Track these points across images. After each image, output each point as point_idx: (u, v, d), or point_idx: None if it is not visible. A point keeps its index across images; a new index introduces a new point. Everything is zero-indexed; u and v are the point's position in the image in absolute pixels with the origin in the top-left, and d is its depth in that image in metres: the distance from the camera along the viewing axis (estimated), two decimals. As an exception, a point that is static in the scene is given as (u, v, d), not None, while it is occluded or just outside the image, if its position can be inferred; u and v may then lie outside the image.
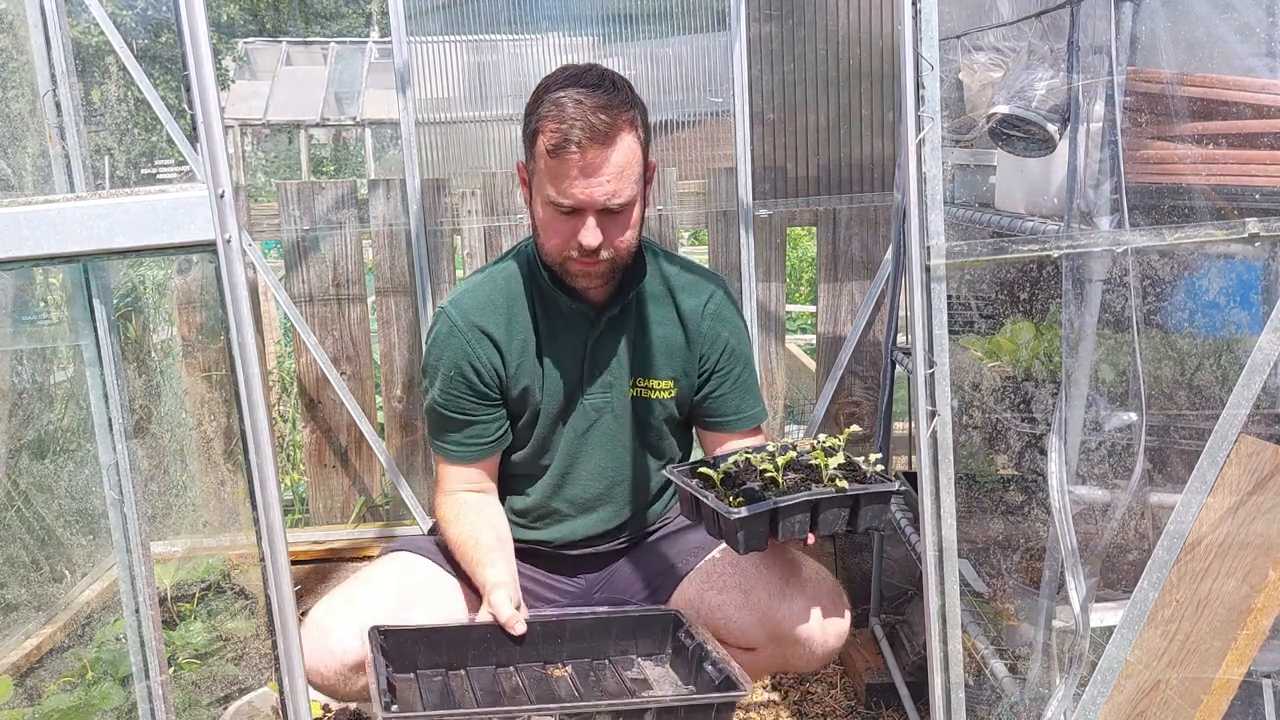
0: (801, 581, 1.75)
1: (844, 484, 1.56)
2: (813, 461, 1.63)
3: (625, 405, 1.86)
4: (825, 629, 1.73)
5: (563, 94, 1.63)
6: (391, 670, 1.57)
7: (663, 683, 1.65)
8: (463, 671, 1.65)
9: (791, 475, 1.62)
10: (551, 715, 1.52)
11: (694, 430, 1.99)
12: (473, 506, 1.84)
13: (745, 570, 1.78)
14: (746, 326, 1.97)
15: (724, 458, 1.70)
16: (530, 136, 1.69)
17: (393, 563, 1.86)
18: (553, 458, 1.87)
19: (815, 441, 1.69)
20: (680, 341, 1.86)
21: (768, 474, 1.60)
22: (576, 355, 1.82)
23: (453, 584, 1.82)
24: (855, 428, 1.75)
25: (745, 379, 1.92)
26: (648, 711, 1.49)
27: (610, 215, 1.67)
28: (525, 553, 1.90)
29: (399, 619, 1.70)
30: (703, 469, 1.69)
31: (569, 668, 1.68)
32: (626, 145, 1.64)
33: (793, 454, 1.66)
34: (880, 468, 1.63)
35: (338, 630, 1.67)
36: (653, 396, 1.86)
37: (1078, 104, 1.53)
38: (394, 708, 1.42)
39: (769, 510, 1.52)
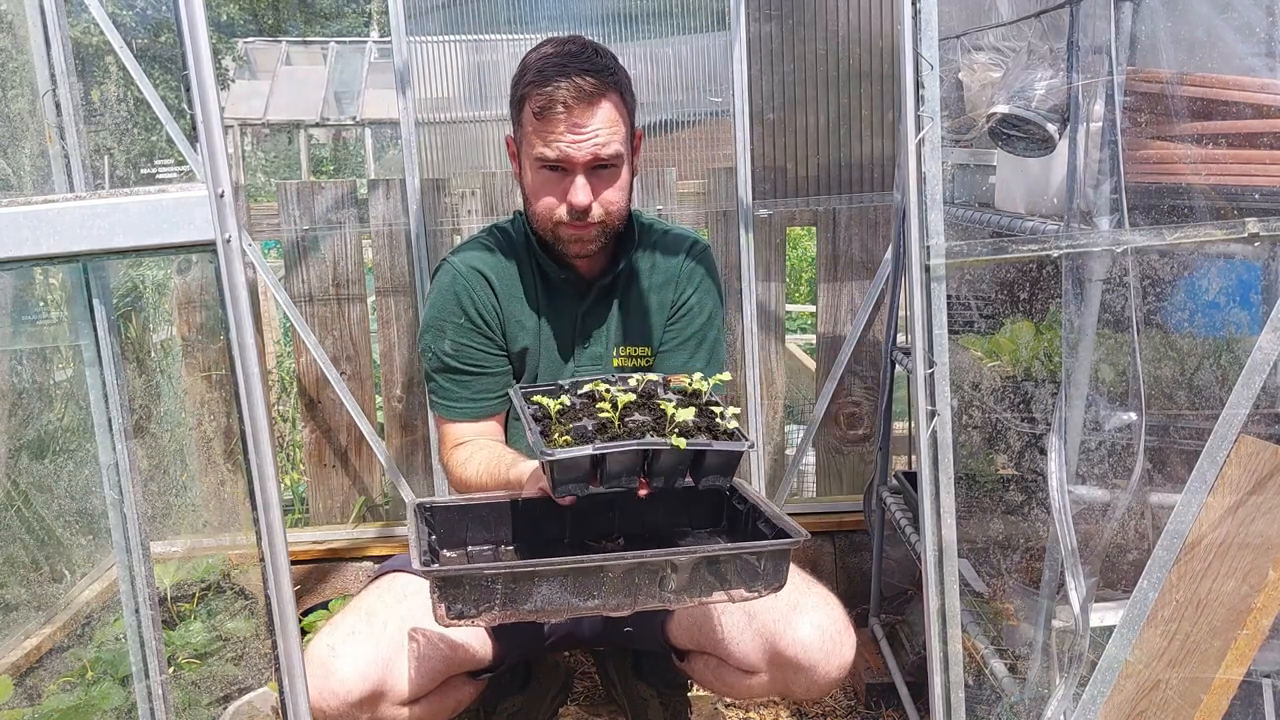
0: (808, 609, 1.68)
1: (680, 441, 1.37)
2: (665, 405, 1.47)
3: (612, 374, 1.86)
4: (829, 658, 1.66)
5: (546, 61, 1.67)
6: (436, 542, 1.54)
7: None
8: (511, 547, 1.61)
9: (638, 417, 1.45)
10: (605, 564, 1.38)
11: None
12: (485, 443, 1.84)
13: None
14: (719, 288, 1.96)
15: (579, 383, 1.60)
16: (517, 104, 1.72)
17: (390, 589, 1.78)
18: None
19: (689, 379, 1.58)
20: (655, 305, 1.88)
21: (603, 414, 1.45)
22: (568, 325, 1.85)
23: None
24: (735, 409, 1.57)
25: (701, 335, 1.90)
26: (710, 560, 1.38)
27: (599, 173, 1.70)
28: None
29: (399, 654, 1.66)
30: (540, 395, 1.54)
31: (621, 540, 1.63)
32: (612, 102, 1.69)
33: (653, 388, 1.51)
34: (735, 424, 1.46)
35: (340, 669, 1.61)
36: (634, 365, 1.87)
37: (1078, 104, 1.53)
38: (434, 567, 1.38)
39: (586, 457, 1.36)
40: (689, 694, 2.11)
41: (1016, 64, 1.65)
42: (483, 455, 1.81)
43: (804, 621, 1.67)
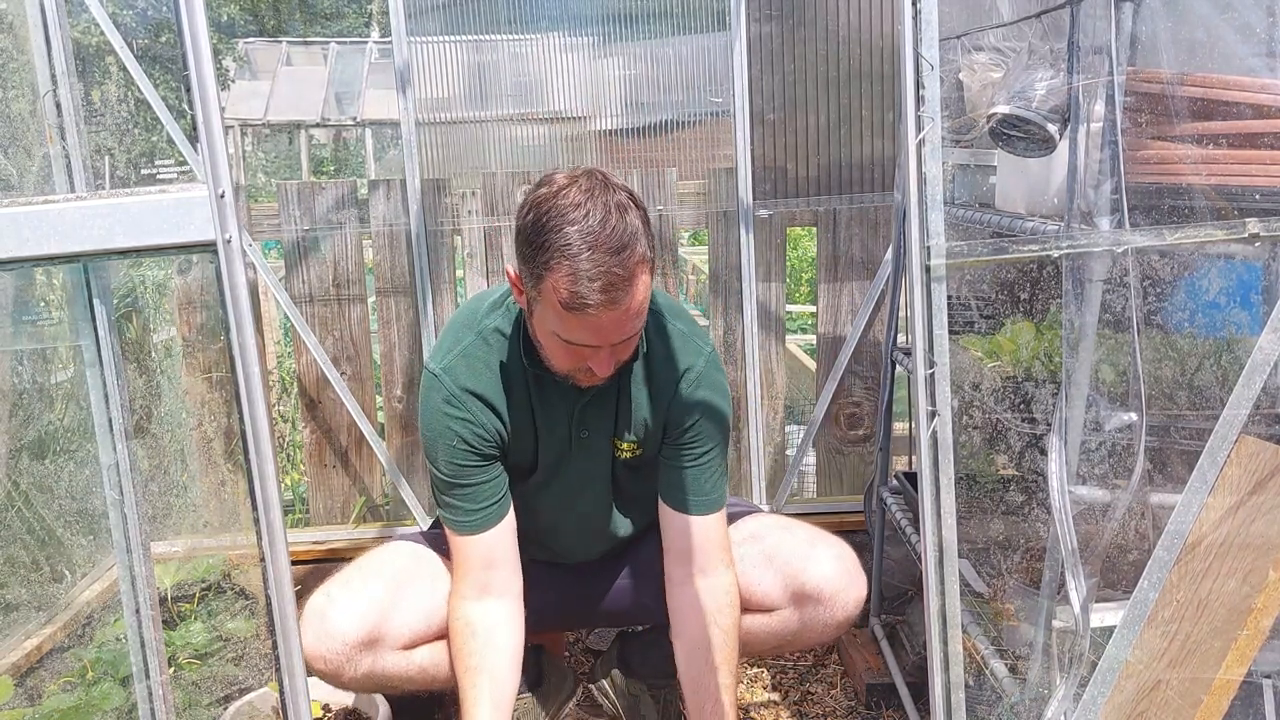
0: (827, 544, 1.84)
1: None
2: None
3: (607, 462, 1.83)
4: (849, 588, 1.81)
5: (568, 239, 1.46)
6: None
7: None
8: None
9: None
10: None
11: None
12: (479, 643, 1.75)
13: (766, 538, 1.86)
14: (727, 406, 1.82)
15: None
16: (535, 274, 1.51)
17: (387, 549, 1.91)
18: (542, 510, 1.87)
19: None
20: (647, 409, 1.78)
21: None
22: (566, 420, 1.77)
23: (450, 565, 1.82)
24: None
25: (703, 463, 1.79)
26: None
27: (624, 343, 1.60)
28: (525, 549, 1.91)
29: (396, 599, 1.74)
30: None
31: None
32: (642, 285, 1.52)
33: None
34: None
35: (335, 612, 1.69)
36: (621, 456, 1.83)
37: (1078, 104, 1.52)
38: None
39: None
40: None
41: (1017, 64, 1.65)
42: (468, 670, 1.73)
43: (824, 555, 1.82)
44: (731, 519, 1.89)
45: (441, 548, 1.87)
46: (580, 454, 1.80)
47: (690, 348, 1.78)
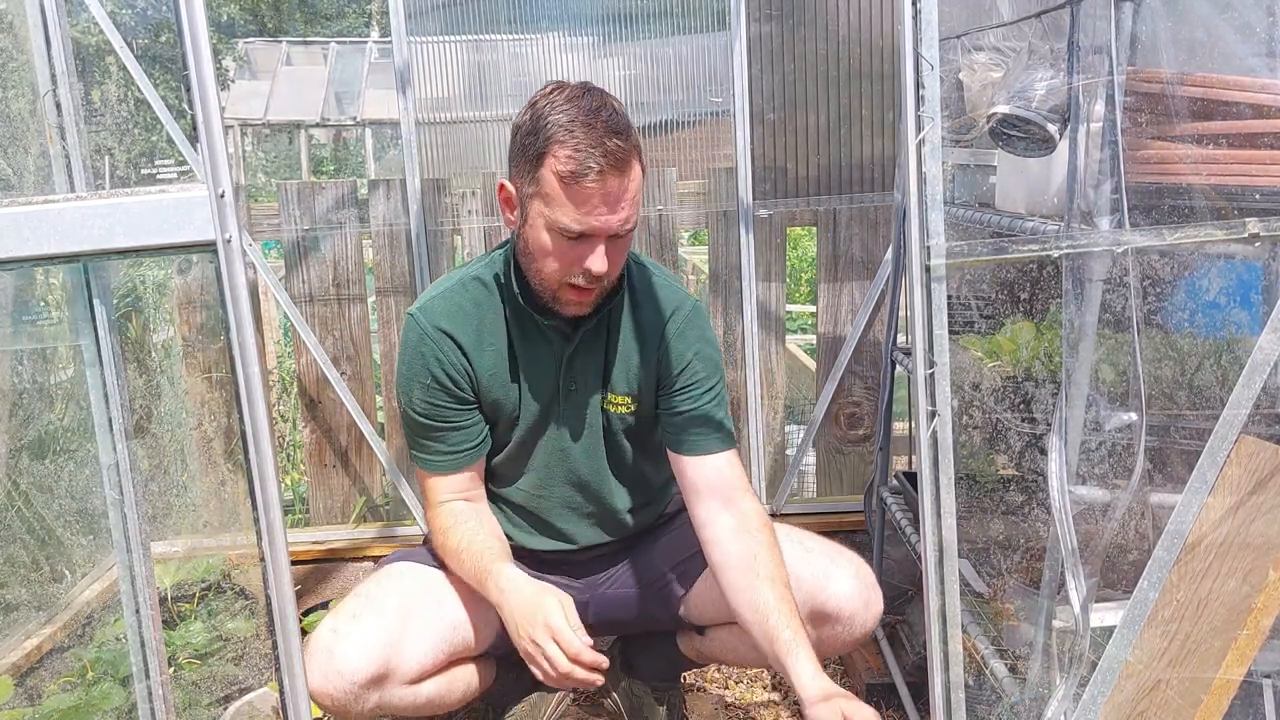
0: (844, 562, 1.80)
1: None
2: None
3: (598, 417, 1.82)
4: (868, 607, 1.78)
5: (570, 118, 1.55)
6: None
7: None
8: None
9: None
10: None
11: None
12: (466, 513, 1.80)
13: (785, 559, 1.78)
14: (717, 346, 1.86)
15: None
16: (533, 159, 1.58)
17: (389, 574, 1.82)
18: (532, 467, 1.85)
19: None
20: (636, 358, 1.80)
21: None
22: (552, 371, 1.78)
23: (455, 585, 1.80)
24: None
25: (706, 401, 1.80)
26: None
27: (616, 241, 1.63)
28: (522, 557, 1.90)
29: (404, 632, 1.68)
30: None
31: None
32: (638, 172, 1.60)
33: None
34: None
35: (342, 650, 1.63)
36: (615, 411, 1.82)
37: (1078, 104, 1.52)
38: None
39: None
40: (685, 692, 2.11)
41: (1017, 64, 1.65)
42: (462, 533, 1.76)
43: (842, 573, 1.78)
44: None
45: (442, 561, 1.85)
46: (569, 409, 1.80)
47: (674, 293, 1.83)
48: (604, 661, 1.55)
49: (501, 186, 1.67)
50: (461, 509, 1.81)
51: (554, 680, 1.56)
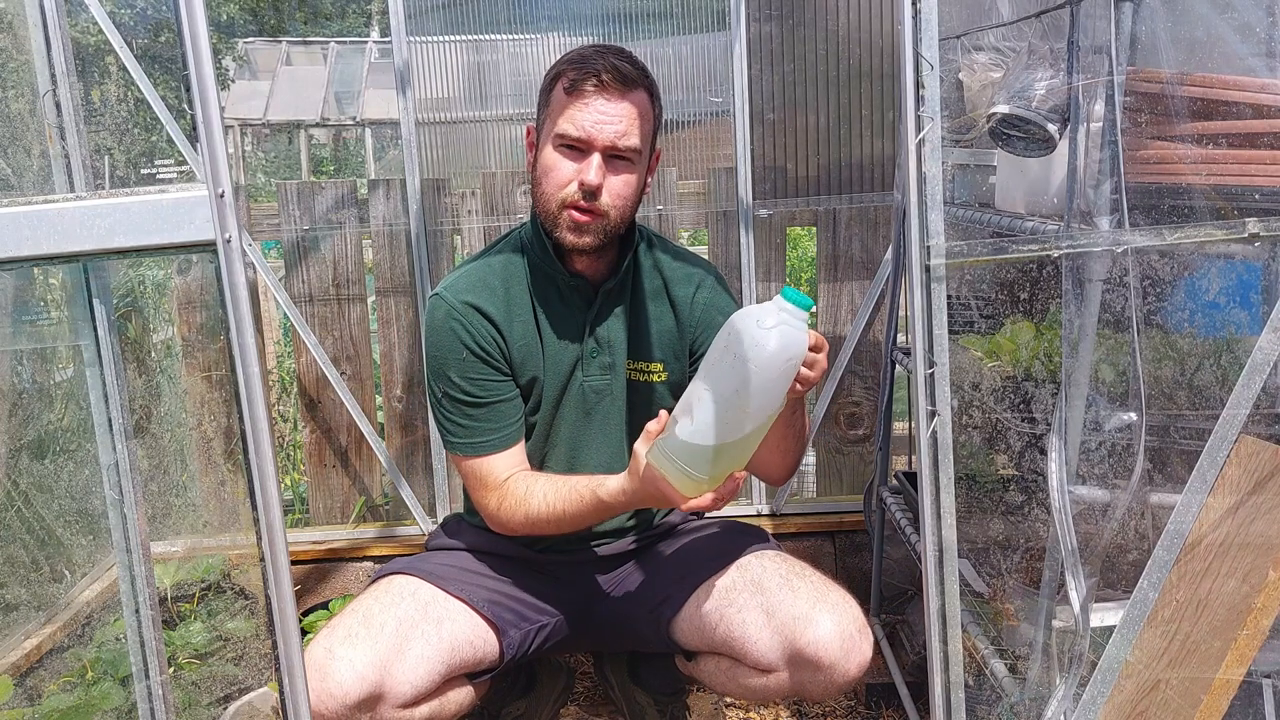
0: (829, 607, 1.70)
1: None
2: None
3: (623, 388, 1.84)
4: (849, 656, 1.67)
5: (585, 49, 1.68)
6: None
7: None
8: None
9: None
10: None
11: None
12: (536, 476, 1.77)
13: (768, 590, 1.74)
14: None
15: None
16: (548, 85, 1.70)
17: (389, 590, 1.78)
18: (556, 443, 1.85)
19: None
20: (671, 327, 1.84)
21: None
22: (577, 335, 1.80)
23: (456, 605, 1.78)
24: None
25: None
26: None
27: (614, 163, 1.67)
28: (526, 565, 1.89)
29: (400, 652, 1.66)
30: None
31: None
32: (642, 99, 1.68)
33: None
34: None
35: (337, 671, 1.61)
36: (645, 380, 1.84)
37: (1078, 104, 1.52)
38: None
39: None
40: (687, 695, 2.11)
41: (1017, 64, 1.65)
42: (544, 485, 1.73)
43: (825, 619, 1.67)
44: (735, 552, 1.84)
45: (445, 575, 1.82)
46: (594, 374, 1.81)
47: (700, 265, 1.90)
48: None
49: (529, 130, 1.77)
50: (528, 475, 1.78)
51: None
